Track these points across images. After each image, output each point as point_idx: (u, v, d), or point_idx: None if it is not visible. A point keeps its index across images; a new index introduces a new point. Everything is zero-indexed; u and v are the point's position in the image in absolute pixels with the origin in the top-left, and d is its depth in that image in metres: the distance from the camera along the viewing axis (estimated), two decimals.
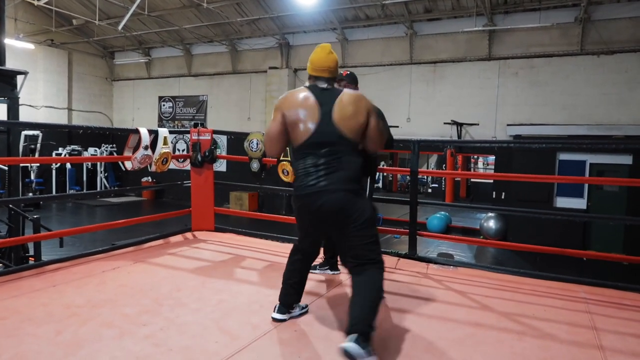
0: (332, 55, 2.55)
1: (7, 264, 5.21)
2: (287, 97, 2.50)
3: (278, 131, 2.48)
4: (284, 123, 2.45)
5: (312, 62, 2.55)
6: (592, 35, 11.17)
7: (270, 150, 2.57)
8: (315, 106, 2.41)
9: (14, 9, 14.67)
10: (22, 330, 2.37)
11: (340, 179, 2.37)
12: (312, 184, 2.38)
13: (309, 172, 2.39)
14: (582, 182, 10.47)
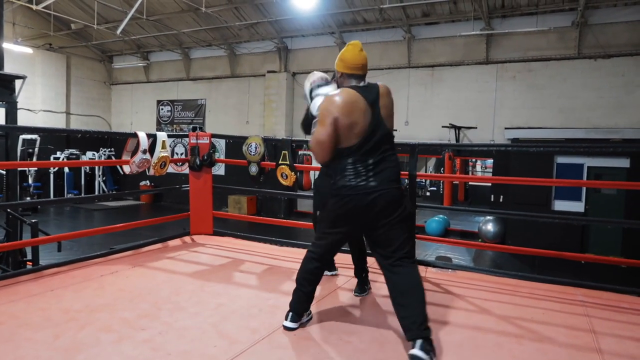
0: (363, 53, 2.54)
1: (4, 268, 5.20)
2: (335, 100, 2.41)
3: (331, 136, 2.39)
4: (335, 127, 2.37)
5: (346, 60, 2.52)
6: (589, 39, 11.23)
7: (322, 157, 2.47)
8: (365, 106, 2.39)
9: (13, 13, 14.69)
10: (19, 335, 2.37)
11: (389, 178, 2.40)
12: (362, 184, 2.36)
13: (359, 172, 2.38)
14: (579, 185, 10.51)
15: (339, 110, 2.37)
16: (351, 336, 2.52)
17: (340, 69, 2.54)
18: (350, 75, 2.51)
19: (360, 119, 2.37)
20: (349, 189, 2.39)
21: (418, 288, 2.36)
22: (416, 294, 2.34)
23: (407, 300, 2.32)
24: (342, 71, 2.53)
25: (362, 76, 2.52)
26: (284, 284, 3.40)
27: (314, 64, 14.95)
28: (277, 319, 2.70)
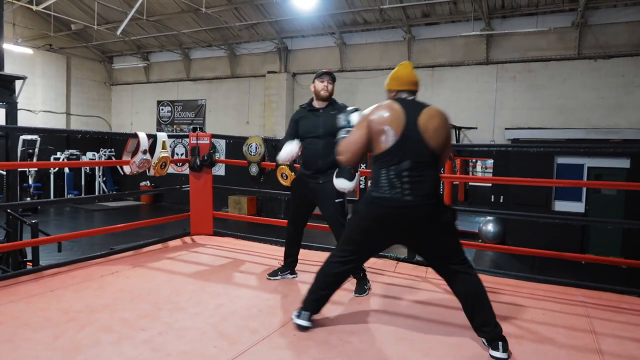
0: (415, 72, 2.64)
1: (4, 268, 5.20)
2: (372, 108, 2.50)
3: (361, 138, 2.46)
4: (369, 131, 2.43)
5: (400, 77, 2.60)
6: (589, 39, 11.23)
7: (352, 159, 2.54)
8: (402, 115, 2.40)
9: (13, 14, 14.69)
10: (19, 336, 2.37)
11: (425, 192, 2.38)
12: (397, 197, 2.35)
13: (393, 183, 2.37)
14: (580, 185, 10.49)
15: (373, 114, 2.45)
16: (351, 336, 2.51)
17: (393, 87, 2.60)
18: (399, 91, 2.57)
19: (393, 126, 2.38)
20: (382, 200, 2.39)
21: (482, 291, 2.45)
22: (481, 296, 2.43)
23: (478, 304, 2.42)
24: (395, 89, 2.59)
25: (412, 92, 2.58)
26: (284, 284, 3.40)
27: (314, 64, 14.97)
28: (277, 320, 2.70)
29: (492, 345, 2.35)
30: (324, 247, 4.53)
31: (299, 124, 3.43)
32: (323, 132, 3.30)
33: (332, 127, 3.15)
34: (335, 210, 3.29)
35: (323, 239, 9.55)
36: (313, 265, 3.91)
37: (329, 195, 3.27)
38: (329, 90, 3.34)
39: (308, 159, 3.38)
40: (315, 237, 8.67)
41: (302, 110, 3.49)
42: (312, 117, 3.38)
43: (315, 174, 3.32)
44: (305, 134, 3.39)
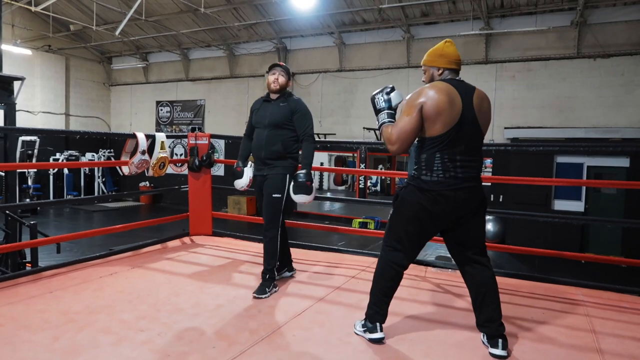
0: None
1: (3, 270, 5.19)
2: (424, 89, 2.35)
3: (415, 125, 2.31)
4: (420, 117, 2.31)
5: (448, 54, 2.46)
6: (588, 38, 11.23)
7: (402, 147, 2.37)
8: (457, 97, 2.31)
9: (12, 15, 14.68)
10: (18, 337, 2.36)
11: (475, 176, 2.39)
12: (450, 180, 2.31)
13: (447, 167, 2.32)
14: (579, 184, 10.49)
15: (426, 96, 2.31)
16: (351, 337, 2.51)
17: (441, 65, 2.46)
18: (451, 70, 2.46)
19: (449, 108, 2.29)
20: (436, 184, 2.32)
21: (495, 287, 2.45)
22: (494, 292, 2.44)
23: (489, 300, 2.42)
24: (444, 66, 2.46)
25: (457, 71, 2.49)
26: (284, 284, 3.39)
27: (314, 64, 14.97)
28: (276, 320, 2.69)
29: (492, 342, 2.36)
30: (323, 247, 4.53)
31: (253, 115, 3.42)
32: (268, 122, 3.25)
33: (277, 118, 3.22)
34: (271, 205, 3.23)
35: (324, 238, 9.55)
36: (315, 265, 3.91)
37: (268, 191, 3.23)
38: (280, 82, 3.27)
39: (254, 150, 3.36)
40: (314, 237, 8.67)
41: (259, 100, 3.46)
42: (263, 108, 3.35)
43: (260, 167, 3.31)
44: (255, 125, 3.38)
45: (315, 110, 15.01)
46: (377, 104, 2.50)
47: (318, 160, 20.59)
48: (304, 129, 3.26)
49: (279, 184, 3.22)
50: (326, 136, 14.69)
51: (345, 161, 19.29)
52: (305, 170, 3.19)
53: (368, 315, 2.49)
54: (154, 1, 14.32)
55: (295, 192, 3.17)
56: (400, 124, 2.35)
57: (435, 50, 2.51)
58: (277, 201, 3.21)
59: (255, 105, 3.45)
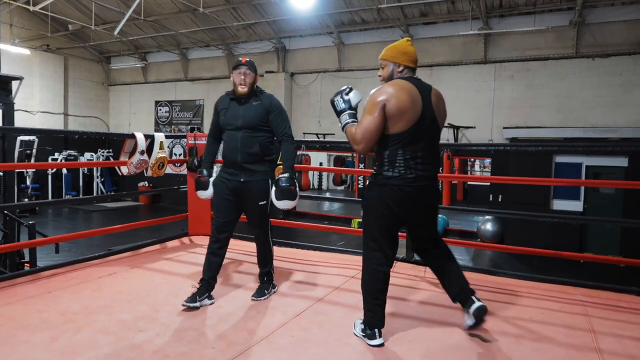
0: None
1: (2, 270, 5.19)
2: (386, 88, 2.39)
3: (379, 124, 2.34)
4: (384, 113, 2.33)
5: (409, 53, 2.51)
6: (586, 38, 11.25)
7: (367, 147, 2.39)
8: (417, 95, 2.38)
9: (10, 14, 14.66)
10: (16, 338, 2.35)
11: (434, 172, 2.50)
12: (411, 176, 2.37)
13: (409, 163, 2.37)
14: (578, 184, 10.51)
15: (389, 95, 2.34)
16: (350, 338, 2.51)
17: (403, 62, 2.49)
18: (410, 69, 2.51)
19: (411, 106, 2.34)
20: (398, 180, 2.37)
21: (455, 259, 2.68)
22: (456, 264, 2.67)
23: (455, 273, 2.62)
24: (405, 64, 2.49)
25: (415, 71, 2.54)
26: (283, 284, 3.39)
27: (312, 64, 14.97)
28: (275, 321, 2.69)
29: (468, 303, 2.50)
30: (322, 247, 4.53)
31: (220, 114, 3.08)
32: (242, 123, 2.96)
33: (252, 119, 2.96)
34: (259, 212, 3.05)
35: (323, 238, 9.56)
36: (314, 265, 3.91)
37: (254, 197, 2.99)
38: (248, 82, 2.97)
39: (227, 154, 3.03)
40: (314, 237, 8.67)
41: (225, 98, 3.11)
42: (233, 107, 3.02)
43: (236, 171, 2.99)
44: (224, 126, 3.04)
45: (314, 110, 15.02)
46: (337, 106, 2.51)
47: (317, 160, 20.62)
48: (282, 129, 3.03)
49: (263, 190, 2.99)
50: (325, 136, 14.69)
51: (344, 161, 19.31)
52: (288, 174, 2.97)
53: (366, 322, 2.47)
54: (153, 1, 14.31)
55: (279, 198, 2.95)
56: (364, 123, 2.37)
57: (398, 47, 2.54)
58: (264, 208, 3.04)
59: (221, 103, 3.10)
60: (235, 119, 2.98)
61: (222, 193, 3.06)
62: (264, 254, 3.19)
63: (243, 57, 3.07)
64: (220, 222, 3.05)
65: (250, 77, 2.98)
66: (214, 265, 3.03)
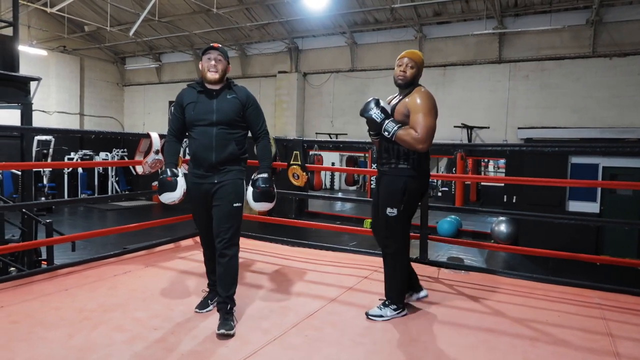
0: None
1: (20, 267, 5.27)
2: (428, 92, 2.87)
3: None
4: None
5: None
6: (603, 37, 11.06)
7: (430, 144, 2.70)
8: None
9: (27, 16, 14.90)
10: (34, 334, 2.39)
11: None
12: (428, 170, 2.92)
13: (428, 160, 2.87)
14: (594, 185, 10.35)
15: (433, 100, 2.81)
16: (364, 338, 2.50)
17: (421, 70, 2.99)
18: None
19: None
20: (428, 172, 2.91)
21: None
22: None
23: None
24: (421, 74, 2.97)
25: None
26: (296, 284, 3.39)
27: (325, 64, 14.96)
28: (288, 320, 2.69)
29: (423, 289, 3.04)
30: (334, 247, 4.52)
31: (187, 109, 2.69)
32: (217, 118, 2.63)
33: (229, 114, 2.65)
34: (232, 215, 2.64)
35: (335, 239, 9.55)
36: (326, 265, 3.90)
37: (227, 199, 2.64)
38: (220, 69, 2.65)
39: (198, 153, 2.66)
40: (326, 237, 8.67)
41: (191, 91, 2.74)
42: (203, 101, 2.67)
43: (208, 172, 2.65)
44: (194, 121, 2.66)
45: (327, 110, 15.01)
46: (377, 118, 2.74)
47: (329, 160, 20.60)
48: (259, 126, 2.78)
49: (239, 191, 2.68)
50: (338, 136, 14.67)
51: (356, 161, 19.27)
52: (266, 174, 2.74)
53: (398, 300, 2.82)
54: (167, 2, 14.44)
55: (257, 200, 2.71)
56: (428, 123, 2.66)
57: (422, 57, 3.00)
58: (238, 211, 2.68)
59: (187, 97, 2.71)
60: (209, 114, 2.64)
61: (198, 204, 2.73)
62: (232, 273, 2.67)
63: (214, 43, 2.77)
64: (205, 235, 2.80)
65: (222, 64, 2.66)
66: (214, 269, 2.80)
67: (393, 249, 2.80)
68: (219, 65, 2.65)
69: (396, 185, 2.75)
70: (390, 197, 2.78)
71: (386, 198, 2.80)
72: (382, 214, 2.81)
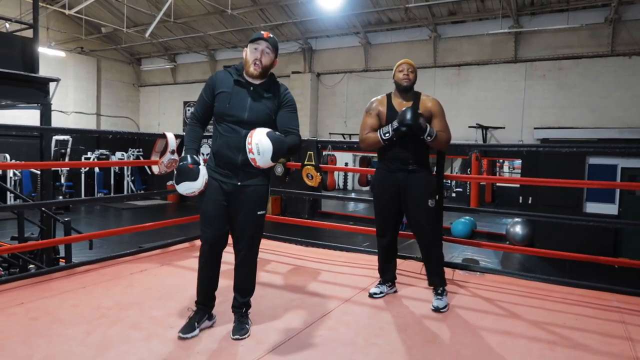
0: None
1: (39, 265, 5.37)
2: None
3: None
4: None
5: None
6: (622, 35, 10.87)
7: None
8: None
9: (46, 18, 15.17)
10: (52, 331, 2.43)
11: None
12: None
13: None
14: (613, 187, 10.16)
15: None
16: (378, 338, 2.49)
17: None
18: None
19: None
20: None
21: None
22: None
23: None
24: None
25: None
26: (310, 284, 3.39)
27: (339, 64, 14.95)
28: (303, 320, 2.70)
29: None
30: (347, 247, 4.51)
31: (219, 97, 2.41)
32: (248, 118, 2.38)
33: (262, 116, 2.40)
34: (255, 224, 2.48)
35: (347, 239, 9.55)
36: (340, 265, 3.90)
37: (251, 206, 2.44)
38: (264, 64, 2.37)
39: (223, 151, 2.40)
40: (339, 238, 8.66)
41: (227, 77, 2.44)
42: (238, 94, 2.40)
43: (230, 173, 2.41)
44: (225, 115, 2.40)
45: (340, 110, 15.00)
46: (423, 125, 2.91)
47: (342, 161, 20.56)
48: (294, 126, 2.48)
49: (264, 197, 2.48)
50: (351, 136, 14.65)
51: (370, 161, 19.20)
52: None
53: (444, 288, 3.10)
54: (183, 3, 14.58)
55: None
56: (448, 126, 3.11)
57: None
58: (262, 219, 2.50)
59: (221, 83, 2.43)
60: (240, 111, 2.38)
61: (216, 198, 2.43)
62: (251, 280, 2.60)
63: (266, 32, 2.41)
64: (215, 235, 2.50)
65: (268, 58, 2.38)
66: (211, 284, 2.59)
67: (438, 238, 3.21)
68: (265, 58, 2.37)
69: (430, 179, 3.16)
70: (428, 191, 3.07)
71: (425, 192, 3.06)
72: (423, 208, 3.05)
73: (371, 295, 3.13)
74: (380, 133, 3.03)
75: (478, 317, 2.84)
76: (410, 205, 3.09)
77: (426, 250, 3.13)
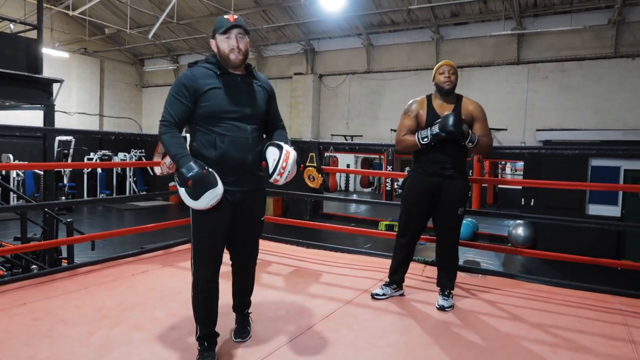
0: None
1: (41, 265, 5.38)
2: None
3: None
4: None
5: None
6: (626, 37, 10.84)
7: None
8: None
9: (50, 19, 15.23)
10: (55, 331, 2.44)
11: None
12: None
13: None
14: (616, 189, 10.13)
15: None
16: (379, 340, 2.49)
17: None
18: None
19: None
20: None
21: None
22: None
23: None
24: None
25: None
26: (311, 286, 3.39)
27: (341, 65, 14.96)
28: (304, 322, 2.70)
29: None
30: (349, 249, 4.51)
31: (209, 96, 2.09)
32: (251, 112, 2.17)
33: (261, 107, 2.21)
34: (259, 230, 2.41)
35: (349, 241, 9.54)
36: (342, 267, 3.90)
37: (257, 215, 2.31)
38: (244, 50, 2.13)
39: (231, 153, 2.11)
40: (340, 239, 8.66)
41: (206, 73, 2.13)
42: (231, 88, 2.13)
43: (238, 178, 2.16)
44: (223, 113, 2.10)
45: (342, 111, 15.01)
46: (465, 131, 2.88)
47: (344, 162, 20.55)
48: (280, 118, 2.39)
49: (264, 202, 2.37)
50: (353, 138, 14.66)
51: (371, 163, 19.22)
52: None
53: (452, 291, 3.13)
54: (186, 5, 14.61)
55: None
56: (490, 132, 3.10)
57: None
58: (262, 225, 2.41)
59: (203, 79, 2.11)
60: (242, 105, 2.14)
61: (224, 214, 2.16)
62: (252, 282, 2.57)
63: (230, 15, 2.15)
64: (216, 271, 2.32)
65: (244, 42, 2.13)
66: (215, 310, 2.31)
67: (457, 243, 3.16)
68: (242, 44, 2.11)
69: (467, 187, 3.13)
70: (463, 198, 3.07)
71: (458, 200, 3.05)
72: (453, 215, 3.06)
73: (373, 296, 3.12)
74: (419, 136, 2.95)
75: (480, 320, 2.84)
76: (441, 212, 3.06)
77: (446, 254, 3.13)
